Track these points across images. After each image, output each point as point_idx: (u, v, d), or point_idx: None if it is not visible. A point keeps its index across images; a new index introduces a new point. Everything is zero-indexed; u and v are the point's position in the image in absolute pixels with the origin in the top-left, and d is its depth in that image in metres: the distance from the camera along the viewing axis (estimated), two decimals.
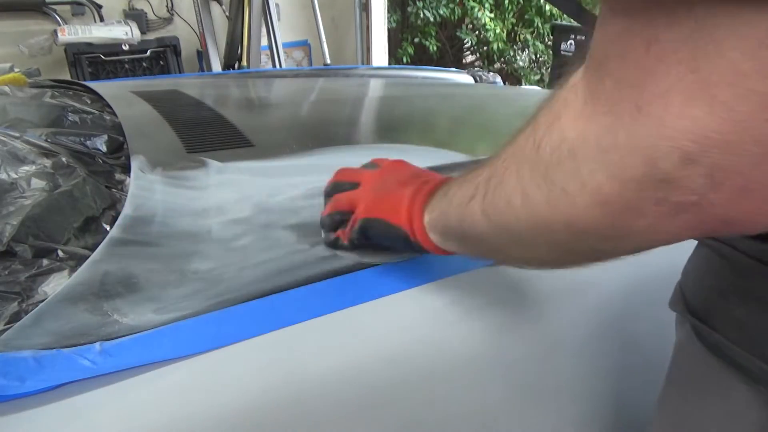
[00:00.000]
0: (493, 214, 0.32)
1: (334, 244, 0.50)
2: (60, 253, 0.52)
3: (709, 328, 0.35)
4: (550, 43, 4.61)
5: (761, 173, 0.20)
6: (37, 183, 0.61)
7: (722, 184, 0.21)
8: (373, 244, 0.47)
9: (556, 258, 0.33)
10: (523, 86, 3.90)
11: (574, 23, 4.52)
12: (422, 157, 0.80)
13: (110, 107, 0.93)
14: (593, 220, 0.25)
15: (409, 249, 0.44)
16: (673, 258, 0.43)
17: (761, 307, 0.32)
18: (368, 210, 0.46)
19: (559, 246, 0.30)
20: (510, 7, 4.37)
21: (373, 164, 0.52)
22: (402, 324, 0.45)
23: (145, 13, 3.12)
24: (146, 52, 2.94)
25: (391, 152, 0.83)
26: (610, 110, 0.23)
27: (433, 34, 4.37)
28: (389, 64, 3.79)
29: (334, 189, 0.51)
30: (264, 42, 2.87)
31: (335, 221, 0.49)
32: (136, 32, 2.85)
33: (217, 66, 2.94)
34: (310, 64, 3.74)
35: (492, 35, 4.27)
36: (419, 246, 0.42)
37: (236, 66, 2.89)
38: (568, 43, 4.05)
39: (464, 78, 1.72)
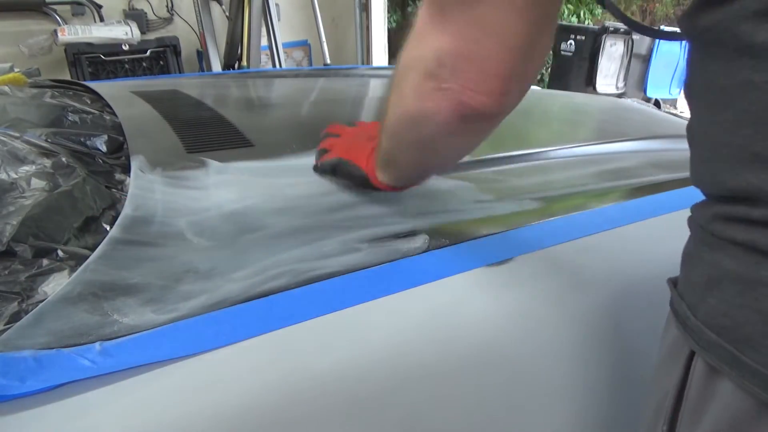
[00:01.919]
0: (386, 122, 0.50)
1: (316, 168, 0.69)
2: (60, 253, 0.52)
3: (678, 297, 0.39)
4: None
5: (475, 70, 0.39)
6: (37, 183, 0.61)
7: (456, 75, 0.39)
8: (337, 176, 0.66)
9: (416, 156, 0.51)
10: None
11: (574, 23, 4.53)
12: None
13: (110, 107, 0.93)
14: (413, 106, 0.44)
15: (364, 185, 0.61)
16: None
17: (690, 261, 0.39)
18: (343, 153, 0.65)
19: (410, 140, 0.48)
20: None
21: (352, 123, 0.74)
22: (402, 324, 0.45)
23: (145, 13, 3.12)
24: (146, 52, 2.94)
25: None
26: (415, 36, 0.42)
27: None
28: (389, 64, 3.79)
29: (325, 136, 0.72)
30: (264, 42, 2.87)
31: (320, 154, 0.70)
32: (136, 32, 2.85)
33: (217, 66, 2.94)
34: (310, 64, 3.74)
35: None
36: (371, 184, 0.60)
37: (236, 66, 2.89)
38: (568, 43, 4.05)
39: None
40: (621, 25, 3.90)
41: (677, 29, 0.38)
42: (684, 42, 0.37)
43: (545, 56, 0.41)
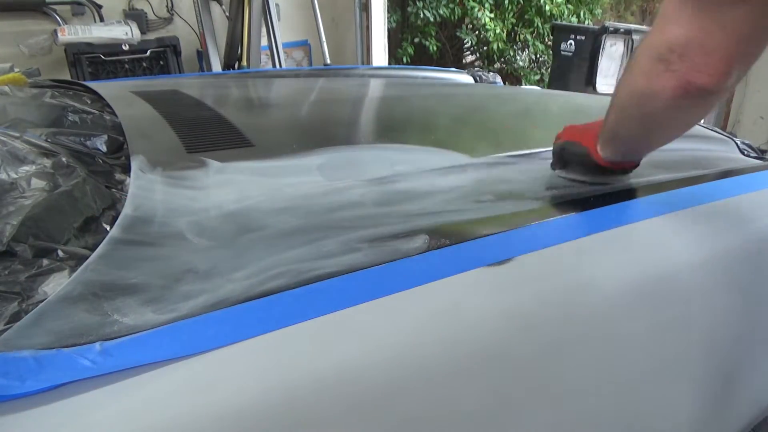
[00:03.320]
0: (613, 104, 0.60)
1: (552, 165, 0.75)
2: (60, 253, 0.52)
3: None
4: (550, 43, 4.60)
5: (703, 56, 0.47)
6: (37, 183, 0.61)
7: (684, 60, 0.48)
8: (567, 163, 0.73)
9: (639, 129, 0.59)
10: (523, 86, 3.90)
11: (574, 23, 4.53)
12: (422, 157, 0.80)
13: (110, 107, 0.93)
14: (643, 84, 0.53)
15: (586, 161, 0.68)
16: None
17: None
18: (570, 137, 0.71)
19: (635, 114, 0.57)
20: (510, 7, 4.37)
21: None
22: (402, 324, 0.45)
23: (145, 13, 3.12)
24: (146, 52, 2.94)
25: (391, 152, 0.83)
26: (655, 25, 0.52)
27: (433, 34, 4.37)
28: (389, 64, 3.79)
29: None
30: (264, 42, 2.87)
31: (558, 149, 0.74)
32: (136, 32, 2.85)
33: (217, 66, 2.94)
34: (310, 64, 3.74)
35: (492, 35, 4.28)
36: (594, 160, 0.67)
37: (236, 66, 2.89)
38: (568, 43, 4.05)
39: (464, 78, 1.72)
40: (621, 25, 3.89)
41: None
42: None
43: None
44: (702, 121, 0.68)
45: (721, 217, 0.70)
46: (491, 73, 1.75)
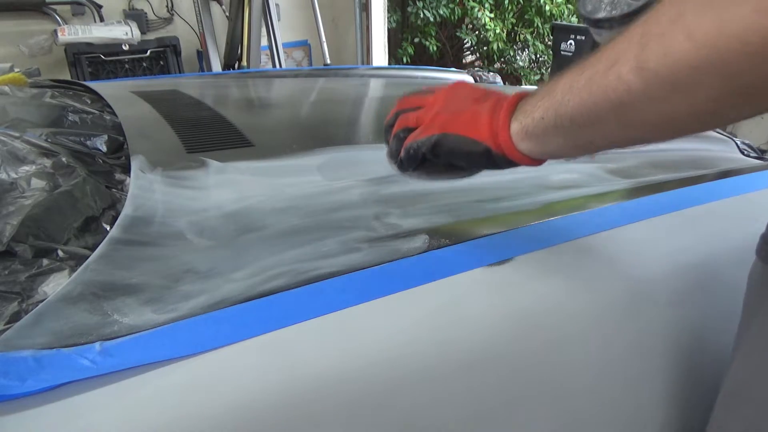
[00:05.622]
0: (653, 64, 0.32)
1: (401, 166, 0.52)
2: (60, 253, 0.52)
3: None
4: (550, 43, 4.60)
5: None
6: (37, 183, 0.61)
7: None
8: (438, 162, 0.49)
9: (716, 104, 0.32)
10: (523, 86, 3.89)
11: (574, 23, 4.52)
12: None
13: (110, 107, 0.93)
14: (760, 25, 0.27)
15: (485, 163, 0.46)
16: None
17: None
18: (443, 126, 0.47)
19: (729, 78, 0.30)
20: (510, 7, 4.37)
21: (430, 90, 0.53)
22: (402, 324, 0.45)
23: (145, 13, 3.12)
24: (146, 52, 2.94)
25: None
26: None
27: (433, 34, 4.37)
28: (389, 64, 3.79)
29: (398, 114, 0.53)
30: (264, 42, 2.87)
31: (401, 140, 0.51)
32: (136, 32, 2.85)
33: (217, 66, 2.94)
34: (310, 64, 3.74)
35: (492, 35, 4.27)
36: (502, 158, 0.45)
37: (236, 66, 2.89)
38: (568, 43, 4.05)
39: (464, 78, 1.72)
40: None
41: None
42: None
43: None
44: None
45: (721, 217, 0.70)
46: (491, 73, 1.75)
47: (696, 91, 0.31)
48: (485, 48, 4.60)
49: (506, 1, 4.30)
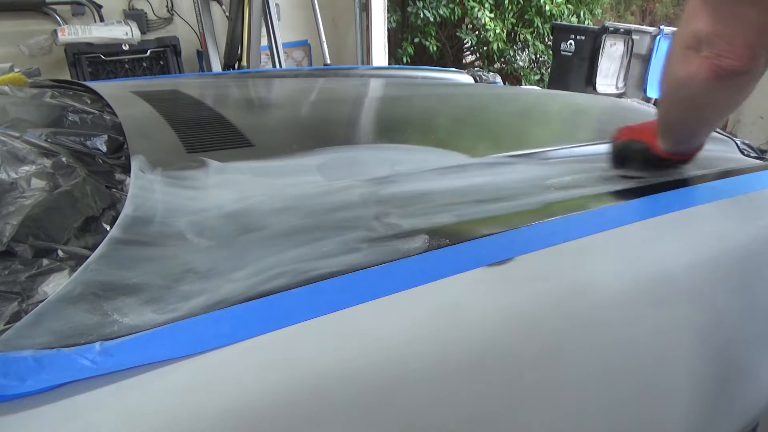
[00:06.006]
0: (660, 97, 0.70)
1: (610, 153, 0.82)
2: (60, 253, 0.52)
3: None
4: (550, 43, 4.60)
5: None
6: (37, 183, 0.61)
7: (711, 47, 0.55)
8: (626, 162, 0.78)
9: (684, 115, 0.67)
10: (523, 86, 3.90)
11: (574, 23, 4.53)
12: (423, 157, 0.80)
13: (110, 107, 0.93)
14: (681, 70, 0.59)
15: (647, 157, 0.75)
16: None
17: None
18: (630, 136, 0.79)
19: (677, 99, 0.65)
20: (510, 7, 4.37)
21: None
22: (402, 324, 0.45)
23: (145, 13, 3.12)
24: (146, 52, 2.94)
25: (391, 152, 0.83)
26: (683, 20, 0.60)
27: (433, 34, 4.37)
28: (389, 64, 3.79)
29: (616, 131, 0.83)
30: (264, 42, 2.87)
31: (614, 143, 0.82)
32: (136, 32, 2.85)
33: (217, 66, 2.94)
34: (310, 64, 3.74)
35: (492, 35, 4.27)
36: (655, 154, 0.74)
37: (236, 66, 2.89)
38: (568, 43, 4.05)
39: (464, 78, 1.72)
40: (621, 25, 3.89)
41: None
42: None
43: None
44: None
45: (721, 217, 0.70)
46: (491, 73, 1.75)
47: (673, 104, 0.68)
48: (485, 48, 4.61)
49: (506, 1, 4.30)
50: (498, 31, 4.25)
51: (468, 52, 4.99)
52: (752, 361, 0.75)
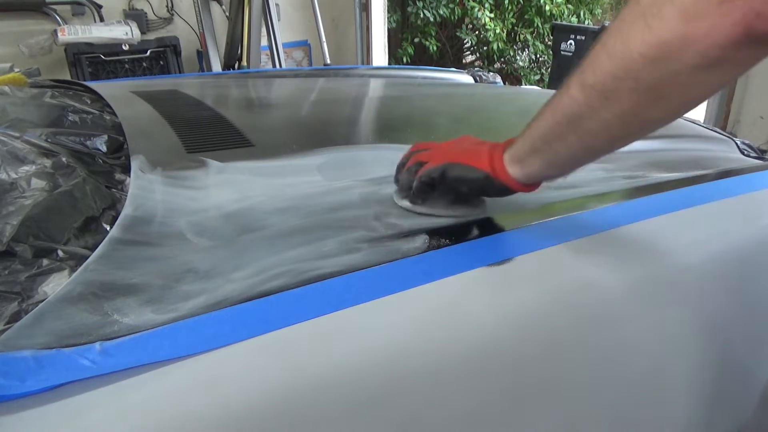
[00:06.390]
0: (590, 80, 0.43)
1: (413, 197, 0.60)
2: (60, 253, 0.52)
3: None
4: (550, 43, 4.60)
5: None
6: (37, 183, 0.61)
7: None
8: (442, 193, 0.59)
9: (636, 106, 0.42)
10: (523, 86, 3.90)
11: (574, 23, 4.52)
12: None
13: (110, 107, 0.93)
14: (674, 32, 0.37)
15: (485, 189, 0.56)
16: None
17: None
18: (451, 159, 0.57)
19: (639, 81, 0.40)
20: (510, 7, 4.37)
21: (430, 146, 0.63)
22: (402, 324, 0.45)
23: (145, 13, 3.13)
24: (146, 52, 2.94)
25: (391, 152, 0.83)
26: None
27: (433, 34, 4.37)
28: (389, 64, 3.79)
29: (411, 154, 0.63)
30: (264, 42, 2.87)
31: (414, 172, 0.60)
32: (136, 32, 2.85)
33: (217, 66, 2.94)
34: (310, 64, 3.74)
35: (492, 35, 4.27)
36: (499, 182, 0.54)
37: (236, 66, 2.89)
38: (568, 43, 4.05)
39: (464, 78, 1.72)
40: None
41: None
42: None
43: None
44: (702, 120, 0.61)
45: (721, 217, 0.70)
46: (491, 73, 1.75)
47: (620, 96, 0.42)
48: (485, 48, 4.60)
49: (506, 1, 4.30)
50: (498, 31, 4.25)
51: (468, 52, 4.99)
52: (752, 360, 0.75)
